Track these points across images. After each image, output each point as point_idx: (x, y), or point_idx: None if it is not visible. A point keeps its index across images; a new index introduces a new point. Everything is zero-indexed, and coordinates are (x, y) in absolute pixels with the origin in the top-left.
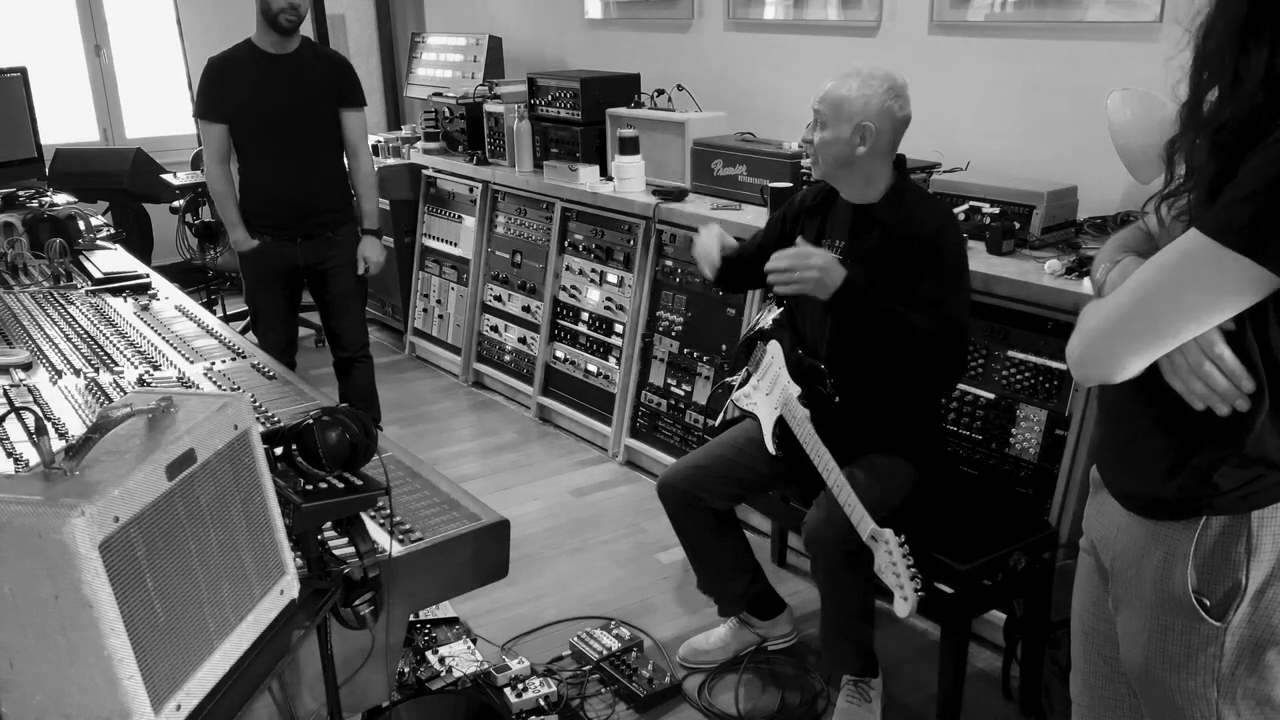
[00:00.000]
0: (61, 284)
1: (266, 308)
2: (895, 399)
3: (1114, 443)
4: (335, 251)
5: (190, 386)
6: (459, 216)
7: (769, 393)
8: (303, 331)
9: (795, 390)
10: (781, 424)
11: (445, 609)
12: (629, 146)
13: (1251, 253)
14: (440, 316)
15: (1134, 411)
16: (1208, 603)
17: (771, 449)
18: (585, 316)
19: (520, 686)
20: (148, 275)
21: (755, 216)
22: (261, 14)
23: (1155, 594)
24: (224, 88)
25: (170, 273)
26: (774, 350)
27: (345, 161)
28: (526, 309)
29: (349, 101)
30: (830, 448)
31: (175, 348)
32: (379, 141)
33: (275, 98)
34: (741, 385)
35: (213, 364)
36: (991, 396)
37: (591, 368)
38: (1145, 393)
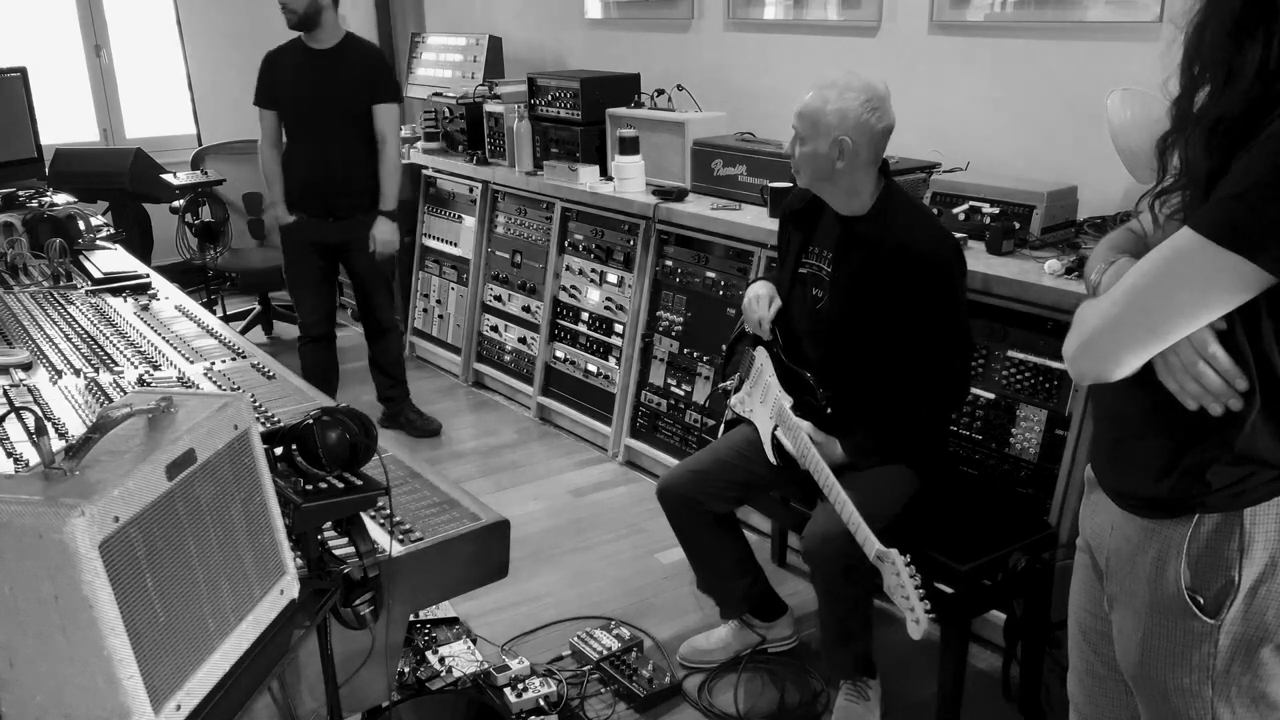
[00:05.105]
0: (61, 284)
1: (299, 276)
2: (891, 409)
3: (1108, 441)
4: (361, 233)
5: (190, 386)
6: (459, 216)
7: (763, 401)
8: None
9: (788, 401)
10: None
11: (445, 609)
12: (629, 146)
13: (1244, 250)
14: (440, 316)
15: (1127, 411)
16: (1201, 600)
17: (771, 458)
18: (585, 316)
19: (520, 686)
20: (148, 275)
21: (755, 216)
22: None
23: (1149, 592)
24: (272, 78)
25: (170, 273)
26: (763, 357)
27: (375, 151)
28: (526, 309)
29: (379, 96)
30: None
31: (175, 348)
32: None
33: (310, 90)
34: (736, 390)
35: (213, 364)
36: (991, 396)
37: (591, 368)
38: (1138, 392)
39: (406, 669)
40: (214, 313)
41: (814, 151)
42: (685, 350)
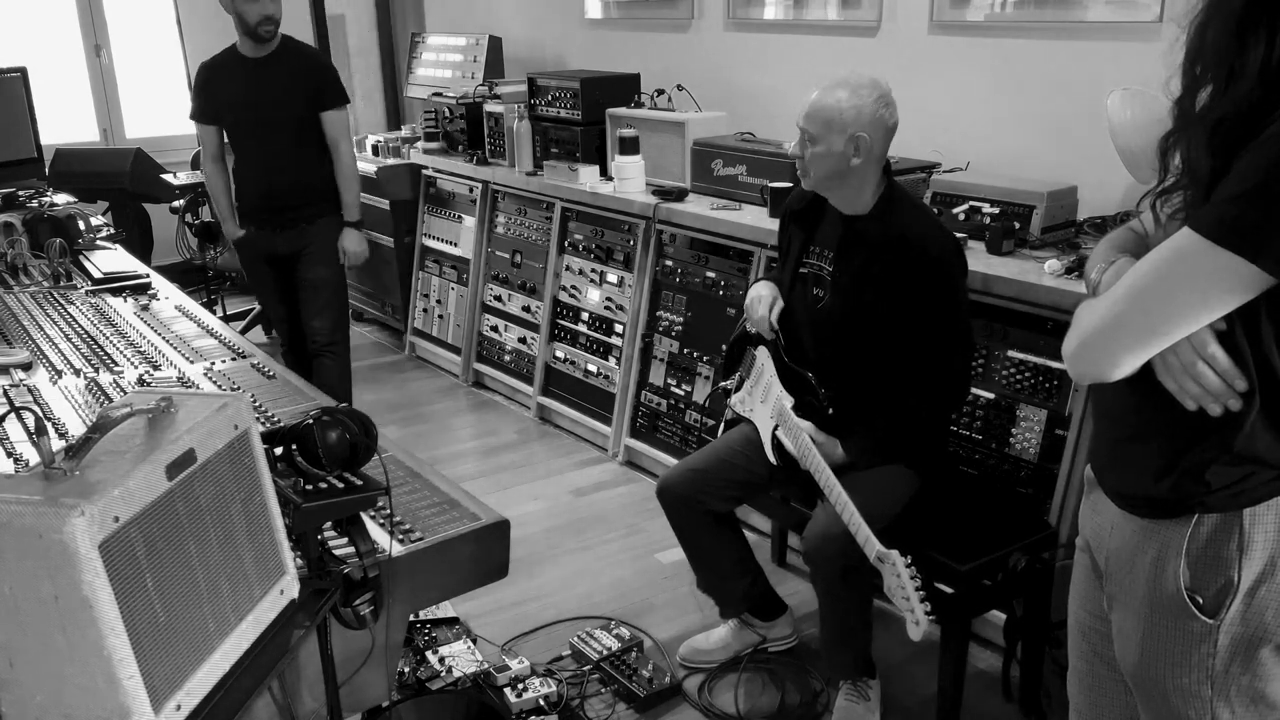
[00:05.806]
0: (61, 284)
1: (260, 288)
2: (891, 408)
3: (1107, 441)
4: (309, 241)
5: (190, 386)
6: (459, 216)
7: (764, 400)
8: None
9: (789, 401)
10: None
11: (445, 609)
12: (629, 146)
13: (1244, 250)
14: (440, 316)
15: (1127, 411)
16: (1201, 600)
17: (772, 458)
18: (585, 316)
19: (520, 686)
20: (148, 275)
21: (755, 216)
22: (240, 27)
23: (1149, 592)
24: (211, 92)
25: (170, 273)
26: (764, 356)
27: (325, 157)
28: (526, 309)
29: (327, 103)
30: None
31: (175, 348)
32: (379, 141)
33: (253, 100)
34: (737, 389)
35: (213, 364)
36: (991, 396)
37: (591, 368)
38: (1138, 392)
39: (406, 669)
40: (214, 313)
41: (828, 150)
42: (685, 350)
